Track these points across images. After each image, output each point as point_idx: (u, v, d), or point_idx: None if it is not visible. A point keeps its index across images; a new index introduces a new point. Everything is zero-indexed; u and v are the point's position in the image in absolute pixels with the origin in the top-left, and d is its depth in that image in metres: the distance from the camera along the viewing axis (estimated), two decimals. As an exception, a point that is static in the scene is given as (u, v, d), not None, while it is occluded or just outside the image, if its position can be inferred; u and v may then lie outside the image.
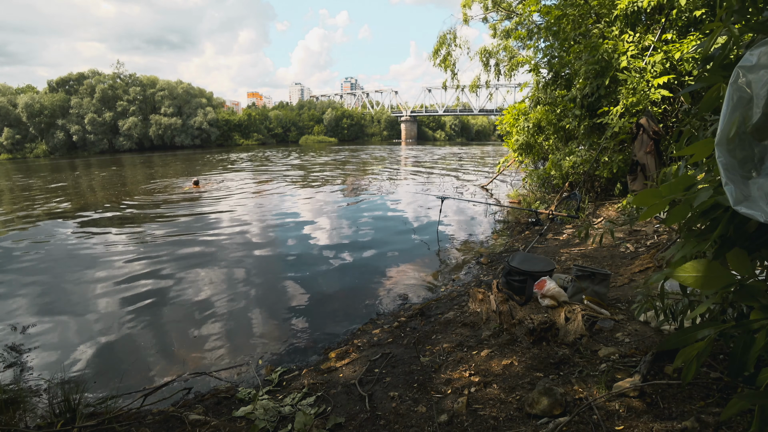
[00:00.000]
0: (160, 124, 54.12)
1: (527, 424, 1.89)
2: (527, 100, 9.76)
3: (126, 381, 3.15)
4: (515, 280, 3.60)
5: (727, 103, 1.07)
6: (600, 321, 2.87)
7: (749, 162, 1.04)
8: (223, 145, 59.10)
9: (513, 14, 11.16)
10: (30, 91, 54.40)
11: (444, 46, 11.92)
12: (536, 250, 5.61)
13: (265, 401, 2.49)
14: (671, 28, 6.67)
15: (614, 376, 2.11)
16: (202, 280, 5.31)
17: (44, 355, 3.64)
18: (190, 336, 3.88)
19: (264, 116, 68.08)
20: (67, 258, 6.45)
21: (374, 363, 2.87)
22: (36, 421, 2.61)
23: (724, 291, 1.06)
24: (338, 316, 4.22)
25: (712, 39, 1.33)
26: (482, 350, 2.74)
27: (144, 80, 55.86)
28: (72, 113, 50.67)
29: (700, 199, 1.06)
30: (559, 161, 7.87)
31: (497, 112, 52.50)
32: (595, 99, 6.96)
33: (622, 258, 4.47)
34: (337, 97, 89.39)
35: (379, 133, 76.35)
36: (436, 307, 4.05)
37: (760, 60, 1.04)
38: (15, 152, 48.76)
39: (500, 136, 12.15)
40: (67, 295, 4.98)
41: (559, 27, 7.85)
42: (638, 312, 2.17)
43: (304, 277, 5.34)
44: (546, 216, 7.10)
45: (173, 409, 2.53)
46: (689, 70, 6.17)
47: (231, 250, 6.61)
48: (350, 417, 2.26)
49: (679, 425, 1.67)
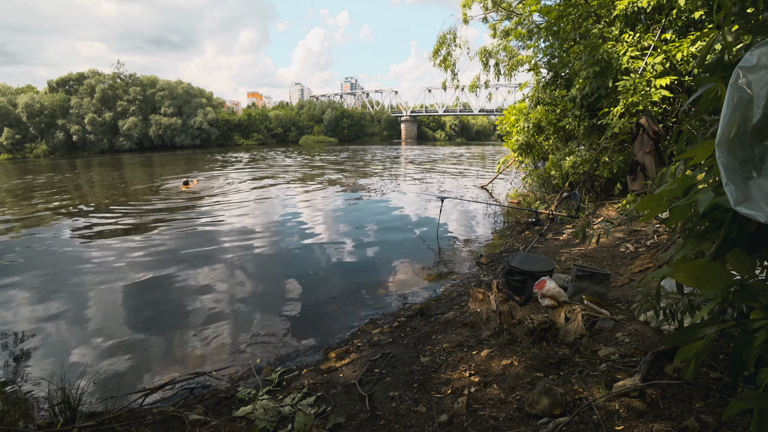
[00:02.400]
0: (160, 124, 54.09)
1: (527, 424, 1.89)
2: (527, 100, 9.76)
3: (126, 381, 3.15)
4: (515, 280, 3.60)
5: (728, 103, 1.07)
6: (600, 321, 2.87)
7: (749, 162, 1.04)
8: (223, 145, 59.09)
9: (513, 14, 11.16)
10: (30, 91, 54.36)
11: (444, 47, 11.92)
12: (536, 250, 5.61)
13: (265, 401, 2.49)
14: (671, 27, 6.67)
15: (614, 376, 2.11)
16: (201, 280, 5.31)
17: (44, 355, 3.64)
18: (190, 336, 3.88)
19: (264, 116, 68.05)
20: (66, 258, 6.45)
21: (374, 363, 2.87)
22: (36, 421, 2.61)
23: (724, 291, 1.06)
24: (338, 316, 4.22)
25: (709, 46, 1.33)
26: (482, 350, 2.74)
27: (144, 80, 55.84)
28: (72, 113, 50.64)
29: (702, 203, 1.05)
30: (559, 161, 7.87)
31: (497, 112, 52.53)
32: (595, 99, 6.96)
33: (622, 258, 4.47)
34: (337, 97, 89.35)
35: (379, 133, 76.32)
36: (436, 307, 4.05)
37: (760, 60, 1.04)
38: (15, 152, 48.72)
39: (500, 136, 12.14)
40: (66, 295, 4.97)
41: (559, 27, 7.85)
42: (638, 312, 2.17)
43: (303, 277, 5.34)
44: (546, 216, 7.10)
45: (173, 409, 2.53)
46: (689, 70, 6.16)
47: (231, 250, 6.61)
48: (350, 417, 2.26)
49: (679, 425, 1.67)
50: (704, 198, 1.08)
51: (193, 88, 59.23)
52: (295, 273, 5.49)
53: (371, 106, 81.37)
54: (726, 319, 1.40)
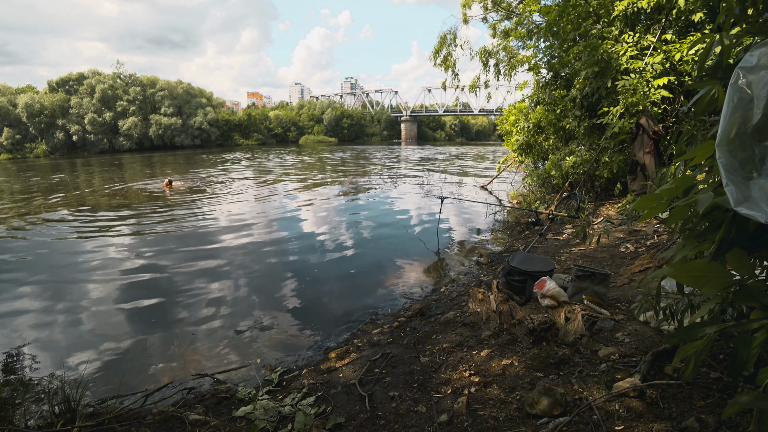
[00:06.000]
0: (160, 124, 54.09)
1: (527, 424, 1.90)
2: (527, 100, 9.76)
3: (126, 381, 3.15)
4: (515, 280, 3.60)
5: (728, 104, 1.07)
6: (600, 321, 2.87)
7: (750, 163, 1.04)
8: (223, 145, 59.09)
9: (513, 14, 11.16)
10: (30, 91, 54.32)
11: (444, 47, 11.92)
12: (536, 250, 5.62)
13: (265, 401, 2.49)
14: (671, 28, 6.67)
15: (614, 376, 2.11)
16: (201, 280, 5.31)
17: (44, 355, 3.64)
18: (190, 336, 3.88)
19: (264, 116, 68.06)
20: (66, 258, 6.45)
21: (374, 363, 2.88)
22: (36, 420, 2.61)
23: (724, 291, 1.06)
24: (338, 316, 4.22)
25: (708, 49, 1.33)
26: (482, 350, 2.74)
27: (144, 80, 55.84)
28: (72, 113, 50.63)
29: (702, 204, 1.06)
30: (559, 161, 7.87)
31: (497, 112, 52.52)
32: (595, 99, 6.96)
33: (622, 258, 4.47)
34: (337, 97, 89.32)
35: (379, 133, 76.32)
36: (436, 307, 4.05)
37: (760, 61, 1.04)
38: (15, 152, 48.71)
39: (500, 136, 12.14)
40: (66, 295, 4.97)
41: (559, 27, 7.85)
42: (638, 312, 2.17)
43: (303, 277, 5.34)
44: (546, 216, 7.10)
45: (173, 409, 2.53)
46: (689, 71, 6.17)
47: (230, 250, 6.62)
48: (350, 417, 2.26)
49: (678, 425, 1.67)
50: (704, 198, 1.08)
51: (193, 88, 59.24)
52: (295, 273, 5.49)
53: (371, 106, 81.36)
54: (726, 319, 1.40)
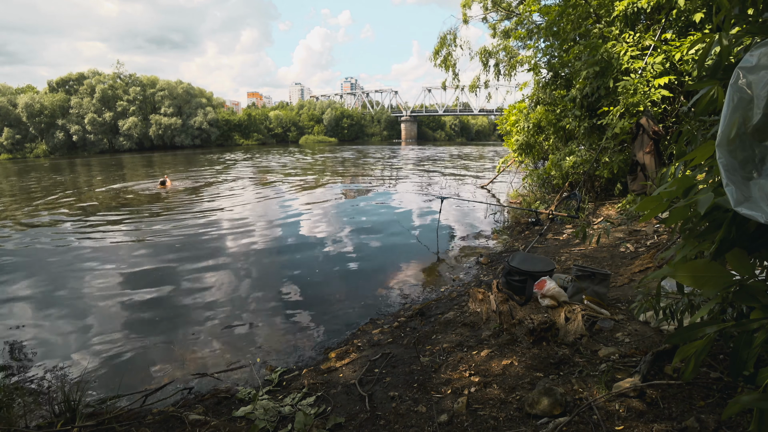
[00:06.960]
0: (160, 124, 54.10)
1: (527, 424, 1.90)
2: (527, 100, 9.76)
3: (126, 381, 3.15)
4: (515, 280, 3.60)
5: (728, 104, 1.07)
6: (600, 321, 2.87)
7: (750, 163, 1.04)
8: (223, 145, 59.10)
9: (513, 14, 11.16)
10: (30, 91, 54.33)
11: (444, 47, 11.91)
12: (536, 250, 5.61)
13: (265, 401, 2.49)
14: (671, 27, 6.67)
15: (614, 376, 2.11)
16: (200, 280, 5.31)
17: (44, 355, 3.64)
18: (190, 336, 3.88)
19: (264, 116, 68.07)
20: (65, 258, 6.45)
21: (374, 363, 2.88)
22: (36, 420, 2.61)
23: (724, 291, 1.06)
24: (338, 316, 4.22)
25: (708, 49, 1.33)
26: (482, 350, 2.74)
27: (144, 80, 55.85)
28: (72, 113, 50.64)
29: (703, 204, 1.05)
30: (559, 161, 7.87)
31: (497, 112, 52.53)
32: (595, 99, 6.96)
33: (622, 258, 4.47)
34: (337, 97, 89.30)
35: (379, 133, 76.31)
36: (436, 307, 4.05)
37: (760, 61, 1.04)
38: (15, 152, 48.73)
39: (500, 136, 12.13)
40: (66, 295, 4.97)
41: (559, 27, 7.85)
42: (638, 312, 2.17)
43: (303, 277, 5.34)
44: (546, 216, 7.10)
45: (173, 409, 2.53)
46: (689, 71, 6.16)
47: (230, 250, 6.62)
48: (350, 417, 2.26)
49: (679, 425, 1.67)
50: (704, 199, 1.07)
51: (193, 88, 59.25)
52: (295, 273, 5.49)
53: (371, 106, 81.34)
54: (726, 319, 1.40)
